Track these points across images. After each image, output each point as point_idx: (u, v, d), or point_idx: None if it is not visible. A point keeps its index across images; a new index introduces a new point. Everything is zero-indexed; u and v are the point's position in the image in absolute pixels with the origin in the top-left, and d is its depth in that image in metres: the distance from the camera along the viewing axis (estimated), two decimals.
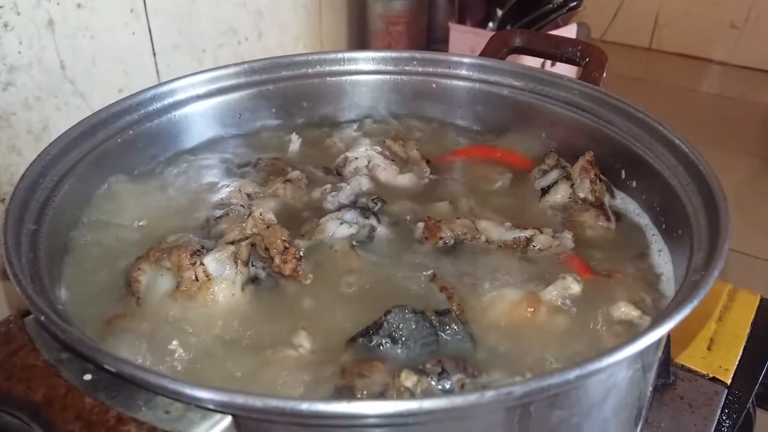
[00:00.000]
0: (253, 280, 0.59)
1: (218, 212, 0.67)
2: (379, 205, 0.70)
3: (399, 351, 0.51)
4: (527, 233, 0.64)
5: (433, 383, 0.47)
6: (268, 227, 0.59)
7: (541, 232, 0.64)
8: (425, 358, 0.49)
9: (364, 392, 0.46)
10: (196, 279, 0.55)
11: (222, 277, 0.56)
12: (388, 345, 0.51)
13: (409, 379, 0.46)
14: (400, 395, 0.46)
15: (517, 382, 0.38)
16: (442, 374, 0.47)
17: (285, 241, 0.59)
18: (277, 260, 0.58)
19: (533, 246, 0.63)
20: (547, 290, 0.57)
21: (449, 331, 0.52)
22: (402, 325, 0.51)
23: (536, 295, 0.56)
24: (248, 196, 0.71)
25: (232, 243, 0.57)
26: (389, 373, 0.47)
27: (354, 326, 0.53)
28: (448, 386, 0.47)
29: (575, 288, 0.57)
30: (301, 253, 0.59)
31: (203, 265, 0.55)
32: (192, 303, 0.55)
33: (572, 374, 0.39)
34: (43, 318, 0.43)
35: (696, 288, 0.46)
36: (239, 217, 0.65)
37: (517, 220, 0.68)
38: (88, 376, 0.42)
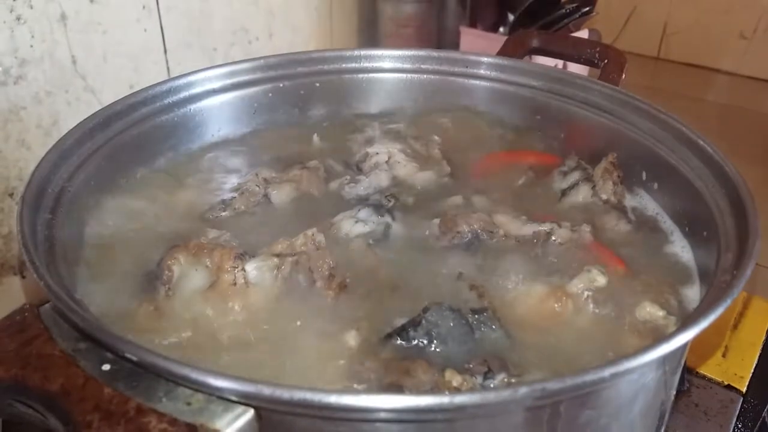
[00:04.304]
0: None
1: (232, 195, 0.67)
2: (393, 201, 0.69)
3: (437, 349, 0.50)
4: (546, 227, 0.63)
5: (479, 382, 0.46)
6: (317, 249, 0.58)
7: (560, 226, 0.63)
8: (462, 357, 0.49)
9: (413, 391, 0.45)
10: (234, 283, 0.54)
11: (259, 287, 0.55)
12: (425, 342, 0.50)
13: (454, 379, 0.45)
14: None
15: (552, 378, 0.37)
16: (488, 373, 0.46)
17: (332, 268, 0.57)
18: (318, 284, 0.57)
19: (553, 240, 0.62)
20: (573, 283, 0.56)
21: (485, 330, 0.51)
22: (440, 323, 0.50)
23: (563, 288, 0.55)
24: (265, 180, 0.70)
25: (278, 256, 0.56)
26: (432, 372, 0.47)
27: (384, 326, 0.52)
28: (493, 385, 0.46)
29: (601, 280, 0.56)
30: (347, 282, 0.58)
31: (244, 271, 0.55)
32: (224, 305, 0.53)
33: (607, 372, 0.38)
34: (62, 305, 0.42)
35: (729, 287, 0.45)
36: (252, 195, 0.64)
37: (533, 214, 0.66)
38: (106, 366, 0.41)
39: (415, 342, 0.50)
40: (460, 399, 0.36)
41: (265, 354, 0.50)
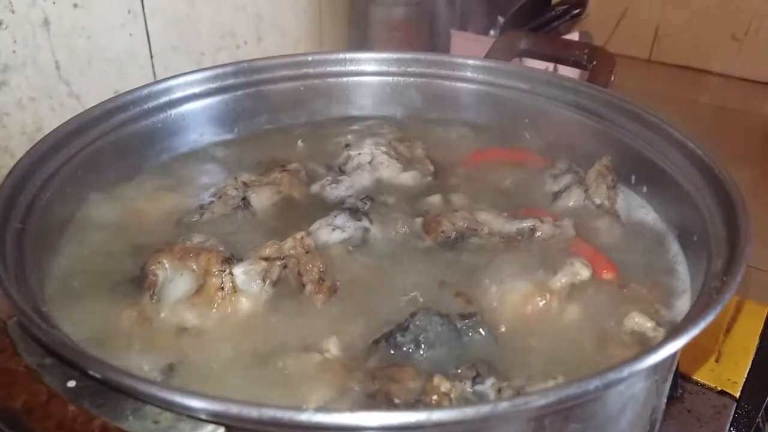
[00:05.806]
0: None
1: (211, 199, 0.66)
2: (369, 204, 0.68)
3: (424, 354, 0.49)
4: (528, 223, 0.62)
5: (468, 388, 0.45)
6: (307, 252, 0.57)
7: (542, 221, 0.62)
8: (450, 362, 0.48)
9: (401, 399, 0.45)
10: (222, 288, 0.53)
11: (248, 292, 0.54)
12: (413, 348, 0.49)
13: (442, 384, 0.44)
14: (440, 401, 0.44)
15: (535, 391, 0.36)
16: (477, 378, 0.45)
17: (322, 271, 0.56)
18: (308, 287, 0.56)
19: (538, 235, 0.61)
20: (556, 278, 0.55)
21: (473, 334, 0.50)
22: (429, 328, 0.50)
23: (546, 284, 0.54)
24: (244, 184, 0.69)
25: (266, 259, 0.55)
26: (421, 378, 0.46)
27: (369, 333, 0.52)
28: (481, 390, 0.45)
29: (584, 273, 0.55)
30: (337, 285, 0.57)
31: (232, 275, 0.53)
32: (211, 310, 0.52)
33: (592, 384, 0.37)
34: (24, 320, 0.40)
35: (719, 294, 0.44)
36: (230, 199, 0.64)
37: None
38: (72, 383, 0.40)
39: (403, 348, 0.49)
40: (438, 415, 0.34)
41: (253, 362, 0.49)
